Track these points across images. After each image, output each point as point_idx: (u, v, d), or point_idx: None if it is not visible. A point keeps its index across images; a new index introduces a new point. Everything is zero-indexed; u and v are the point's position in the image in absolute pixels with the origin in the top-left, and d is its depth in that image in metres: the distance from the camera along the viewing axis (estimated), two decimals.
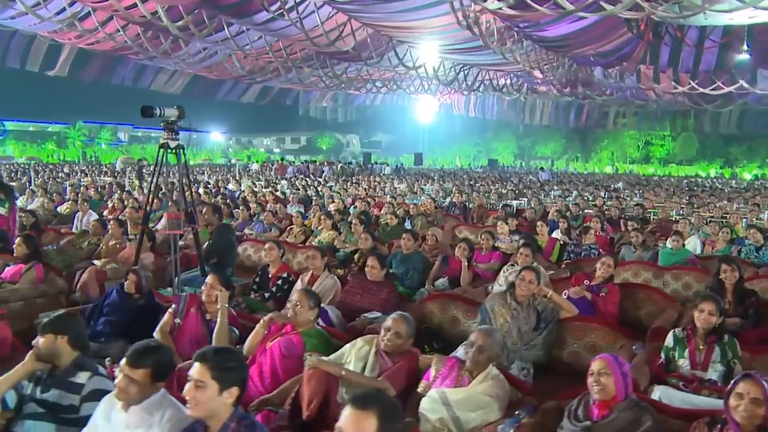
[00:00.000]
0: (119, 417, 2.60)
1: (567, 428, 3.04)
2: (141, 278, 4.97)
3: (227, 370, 2.36)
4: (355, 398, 2.10)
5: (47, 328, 3.01)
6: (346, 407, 2.07)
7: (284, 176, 26.53)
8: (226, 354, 2.45)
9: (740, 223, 10.74)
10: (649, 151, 61.27)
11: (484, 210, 13.63)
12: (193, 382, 2.33)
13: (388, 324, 3.63)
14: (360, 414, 2.02)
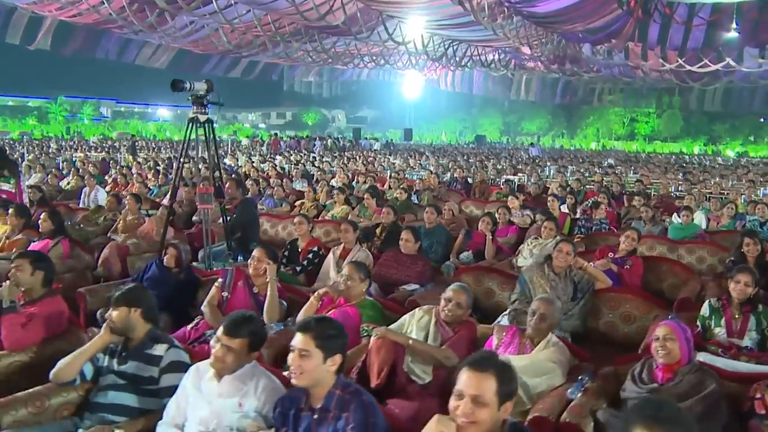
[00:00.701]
0: (211, 386, 2.65)
1: (631, 390, 3.16)
2: (181, 252, 4.99)
3: (330, 338, 2.41)
4: (473, 361, 2.16)
5: (120, 301, 3.03)
6: (464, 371, 2.13)
7: (278, 151, 26.36)
8: (327, 323, 2.50)
9: (739, 199, 10.99)
10: (635, 128, 61.76)
11: (486, 185, 13.73)
12: (297, 352, 2.37)
13: (449, 295, 3.71)
14: (480, 375, 2.08)
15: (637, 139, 60.72)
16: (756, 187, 12.79)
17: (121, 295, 3.06)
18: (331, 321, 2.57)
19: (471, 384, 2.08)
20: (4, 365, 3.40)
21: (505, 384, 2.10)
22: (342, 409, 2.35)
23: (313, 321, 2.47)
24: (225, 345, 2.58)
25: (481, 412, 2.05)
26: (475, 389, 2.06)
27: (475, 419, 2.04)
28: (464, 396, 2.07)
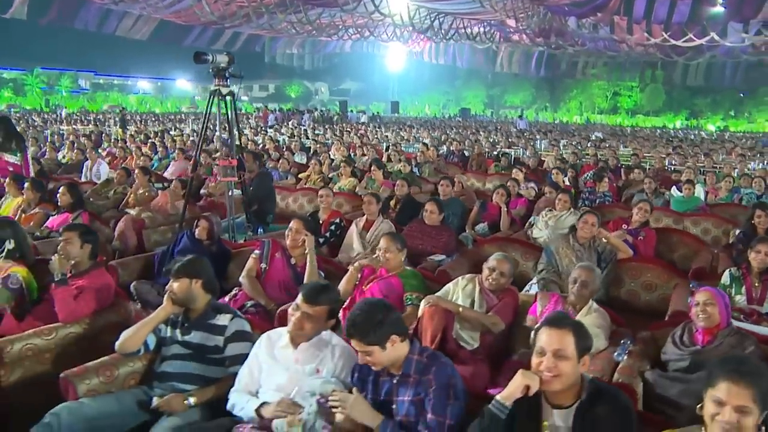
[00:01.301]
0: (286, 354, 2.73)
1: (673, 353, 3.32)
2: (213, 225, 5.03)
3: (385, 326, 2.44)
4: (551, 321, 2.28)
5: (182, 272, 3.07)
6: (543, 329, 2.24)
7: (267, 124, 26.16)
8: (369, 314, 2.50)
9: (732, 173, 11.23)
10: (617, 101, 62.20)
11: (483, 158, 13.85)
12: (362, 355, 2.47)
13: (493, 264, 3.82)
14: (559, 332, 2.20)
15: (619, 113, 61.20)
16: (746, 161, 13.06)
17: (181, 266, 3.11)
18: (372, 311, 2.48)
19: (552, 340, 2.20)
20: (60, 337, 3.46)
21: (581, 339, 2.23)
22: (422, 373, 2.46)
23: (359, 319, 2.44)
24: (305, 312, 2.66)
25: (563, 365, 2.17)
26: (557, 344, 2.18)
27: (559, 372, 2.17)
28: (546, 352, 2.19)
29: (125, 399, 2.90)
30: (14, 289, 3.71)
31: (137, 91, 63.40)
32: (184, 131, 19.81)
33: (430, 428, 2.36)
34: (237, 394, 2.74)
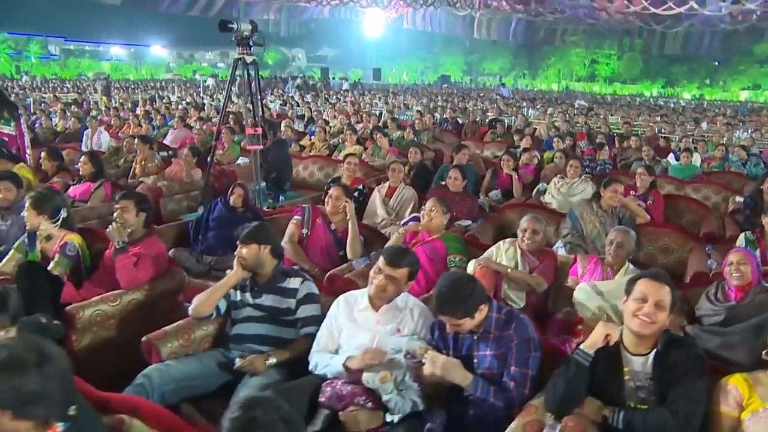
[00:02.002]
0: (367, 315, 2.88)
1: (708, 309, 3.57)
2: (247, 192, 5.12)
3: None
4: (652, 274, 2.46)
5: (251, 239, 3.15)
6: (644, 281, 2.42)
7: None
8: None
9: (722, 141, 11.57)
10: (595, 69, 62.56)
11: (477, 126, 13.99)
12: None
13: (524, 225, 4.02)
14: (660, 285, 2.39)
15: (597, 81, 61.64)
16: (732, 130, 13.43)
17: (250, 233, 3.19)
18: (460, 286, 2.60)
19: (654, 291, 2.38)
20: (124, 303, 3.56)
21: (674, 295, 2.42)
22: (503, 329, 2.63)
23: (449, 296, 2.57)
24: (388, 275, 2.81)
25: (660, 314, 2.37)
26: (659, 296, 2.37)
27: (655, 320, 2.36)
28: (648, 300, 2.38)
29: (206, 360, 3.02)
30: (72, 256, 3.79)
31: (110, 58, 61.72)
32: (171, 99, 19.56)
33: (514, 380, 2.55)
34: (318, 354, 2.89)
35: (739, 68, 50.97)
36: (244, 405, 1.57)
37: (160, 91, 25.68)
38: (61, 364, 1.67)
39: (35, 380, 1.58)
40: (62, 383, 1.66)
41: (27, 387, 1.57)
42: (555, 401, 2.41)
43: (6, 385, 1.55)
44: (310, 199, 6.43)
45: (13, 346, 1.64)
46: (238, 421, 1.53)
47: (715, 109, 25.69)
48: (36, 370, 1.59)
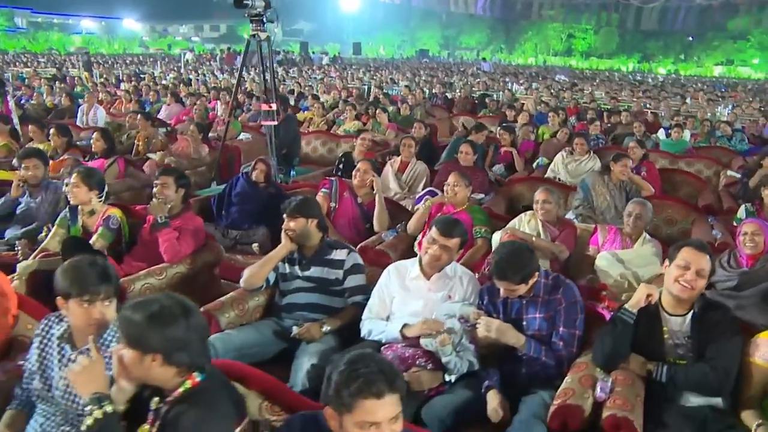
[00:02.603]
0: (418, 284, 3.05)
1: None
2: (269, 167, 5.22)
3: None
4: (695, 243, 2.67)
5: (298, 212, 3.26)
6: (687, 249, 2.62)
7: (232, 66, 25.53)
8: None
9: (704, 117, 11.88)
10: (572, 44, 62.73)
11: (468, 101, 14.16)
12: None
13: (538, 197, 4.25)
14: (702, 254, 2.60)
15: (574, 55, 61.83)
16: (714, 106, 13.79)
17: (297, 207, 3.29)
18: (518, 255, 2.77)
19: (697, 260, 2.59)
20: (169, 276, 3.68)
21: (713, 263, 2.64)
22: (551, 293, 2.83)
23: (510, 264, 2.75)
24: (442, 245, 2.98)
25: (700, 281, 2.59)
26: (699, 264, 2.58)
27: (695, 286, 2.58)
28: (690, 268, 2.58)
29: (263, 329, 3.17)
30: (114, 229, 3.89)
31: (80, 31, 59.87)
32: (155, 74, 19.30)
33: (563, 340, 2.76)
34: (371, 321, 3.06)
35: (713, 44, 51.57)
36: (350, 360, 1.74)
37: (140, 66, 25.21)
38: (200, 318, 1.83)
39: (182, 329, 1.75)
40: (201, 335, 1.82)
41: (176, 334, 1.74)
42: (603, 357, 2.63)
43: (159, 332, 1.72)
44: (321, 174, 6.55)
45: (162, 300, 1.80)
46: (344, 374, 1.69)
47: (692, 85, 26.13)
48: (183, 320, 1.76)
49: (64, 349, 2.19)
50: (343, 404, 1.64)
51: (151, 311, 1.74)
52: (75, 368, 1.78)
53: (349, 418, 1.64)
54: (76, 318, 2.10)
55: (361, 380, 1.64)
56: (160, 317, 1.74)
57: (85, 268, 2.11)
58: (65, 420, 2.15)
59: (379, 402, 1.63)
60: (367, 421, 1.62)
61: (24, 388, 2.28)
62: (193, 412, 1.73)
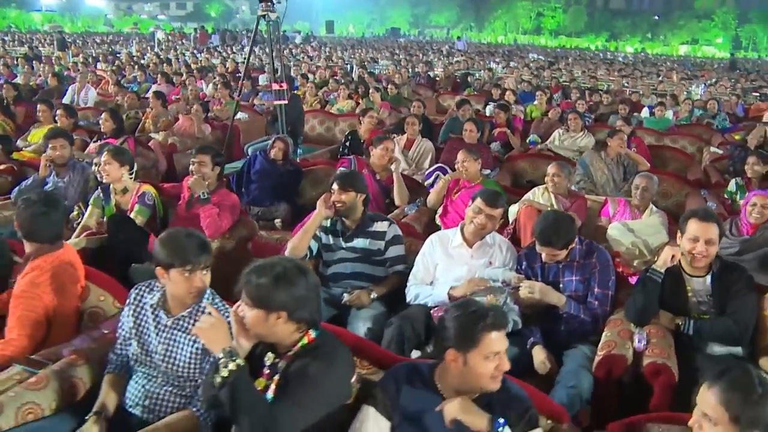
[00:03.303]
0: (461, 252, 3.29)
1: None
2: (288, 146, 5.37)
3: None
4: (702, 214, 2.94)
5: (351, 186, 3.44)
6: (694, 221, 2.87)
7: (206, 45, 25.24)
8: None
9: (682, 95, 12.33)
10: (541, 22, 63.39)
11: (452, 80, 14.38)
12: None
13: (551, 170, 4.53)
14: (710, 224, 2.86)
15: (543, 34, 62.54)
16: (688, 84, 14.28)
17: (350, 180, 3.48)
18: (561, 223, 3.05)
19: (704, 230, 2.86)
20: (213, 252, 3.83)
21: (720, 229, 2.92)
22: (585, 257, 3.10)
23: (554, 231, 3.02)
24: (488, 215, 3.22)
25: (711, 248, 2.87)
26: (709, 234, 2.86)
27: (708, 254, 2.87)
28: (699, 239, 2.86)
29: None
30: (150, 205, 4.03)
31: (40, 8, 57.96)
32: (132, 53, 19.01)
33: (598, 299, 3.04)
34: (416, 287, 3.28)
35: (679, 23, 52.75)
36: (463, 306, 2.03)
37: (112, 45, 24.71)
38: (315, 278, 2.04)
39: (303, 288, 1.95)
40: (317, 293, 2.03)
41: (298, 293, 1.93)
42: (636, 313, 2.91)
43: (285, 291, 1.91)
44: (327, 152, 6.72)
45: (283, 262, 2.00)
46: (466, 317, 1.96)
47: (663, 64, 26.76)
48: (303, 280, 1.96)
49: (159, 315, 2.36)
50: (471, 341, 1.90)
51: (276, 273, 1.93)
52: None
53: (476, 352, 1.90)
54: (177, 286, 2.27)
55: (487, 318, 1.91)
56: (285, 278, 1.93)
57: (184, 239, 2.28)
58: (166, 381, 2.32)
59: (500, 333, 1.93)
60: (493, 351, 1.90)
61: (117, 353, 2.44)
62: (317, 363, 1.93)
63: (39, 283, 2.64)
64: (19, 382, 2.31)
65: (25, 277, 2.67)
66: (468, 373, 1.91)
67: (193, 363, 2.29)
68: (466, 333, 1.91)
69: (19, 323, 2.55)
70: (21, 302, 2.59)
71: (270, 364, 2.04)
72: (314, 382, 1.90)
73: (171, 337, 2.31)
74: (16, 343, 2.53)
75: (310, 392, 1.89)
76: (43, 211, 2.70)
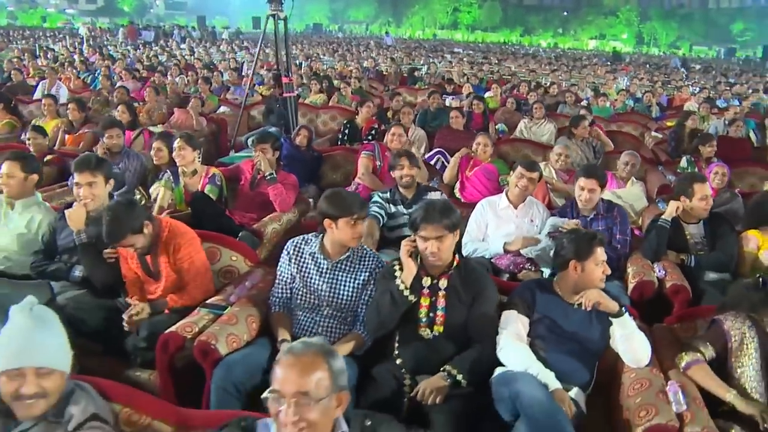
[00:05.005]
0: (508, 213, 4.05)
1: None
2: (311, 133, 5.96)
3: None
4: (698, 178, 3.86)
5: (416, 163, 4.22)
6: (697, 184, 3.80)
7: (135, 42, 24.76)
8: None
9: (612, 87, 13.72)
10: (457, 17, 65.37)
11: (399, 75, 15.17)
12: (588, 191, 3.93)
13: (559, 151, 5.41)
14: (706, 185, 3.80)
15: (459, 29, 64.56)
16: (615, 77, 15.77)
17: (414, 159, 4.23)
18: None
19: (707, 189, 3.80)
20: (284, 222, 4.43)
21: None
22: (607, 211, 3.96)
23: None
24: (529, 178, 3.99)
25: (711, 199, 3.83)
26: (709, 191, 3.80)
27: (708, 206, 3.83)
28: (706, 198, 3.81)
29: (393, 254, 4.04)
30: (218, 186, 4.54)
31: None
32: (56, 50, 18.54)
33: (620, 243, 3.89)
34: (472, 243, 4.02)
35: (587, 19, 56.16)
36: (572, 231, 2.80)
37: (36, 41, 23.77)
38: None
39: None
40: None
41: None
42: (650, 251, 3.79)
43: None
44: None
45: (435, 201, 2.75)
46: (576, 238, 2.73)
47: (587, 58, 28.69)
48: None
49: (319, 261, 2.96)
50: (588, 252, 2.68)
51: (446, 205, 2.70)
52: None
53: (591, 261, 2.68)
54: (344, 233, 2.87)
55: (596, 237, 2.73)
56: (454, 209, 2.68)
57: (349, 197, 2.91)
58: (331, 313, 2.92)
59: (602, 248, 2.73)
60: (601, 259, 2.71)
61: (279, 296, 3.00)
62: (478, 270, 2.73)
63: (186, 243, 3.16)
64: (211, 321, 2.87)
65: (170, 246, 3.14)
66: (584, 278, 2.69)
67: (355, 296, 2.92)
68: (583, 248, 2.67)
69: (189, 278, 3.13)
70: (187, 261, 3.14)
71: (429, 285, 2.73)
72: (490, 284, 2.65)
73: (334, 277, 2.93)
74: (193, 293, 3.11)
75: (492, 294, 2.69)
76: (126, 206, 3.03)
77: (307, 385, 1.60)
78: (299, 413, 1.59)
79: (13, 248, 3.60)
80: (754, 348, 2.51)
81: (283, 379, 1.61)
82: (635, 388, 2.49)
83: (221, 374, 2.54)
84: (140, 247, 3.04)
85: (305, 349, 1.67)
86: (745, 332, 2.55)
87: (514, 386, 2.32)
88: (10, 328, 1.83)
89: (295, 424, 1.58)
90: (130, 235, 2.94)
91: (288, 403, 1.58)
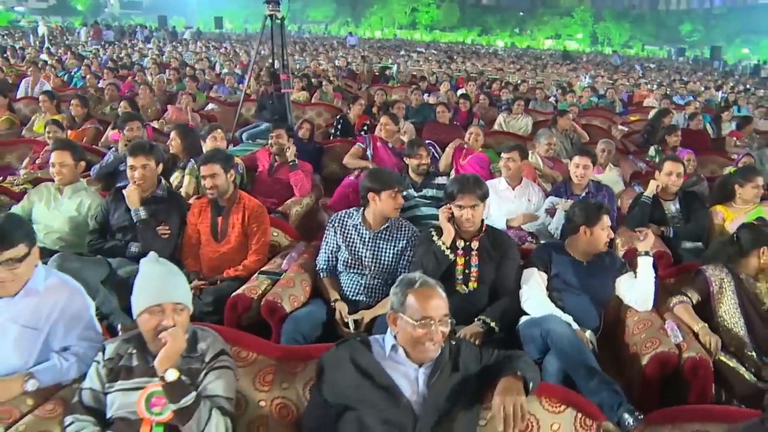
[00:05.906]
0: (507, 193, 4.56)
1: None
2: (313, 127, 6.35)
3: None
4: (671, 156, 4.42)
5: (428, 152, 4.68)
6: (669, 161, 4.37)
7: (100, 41, 24.50)
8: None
9: (577, 84, 14.47)
10: (416, 17, 66.08)
11: (372, 74, 15.61)
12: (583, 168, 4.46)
13: (549, 141, 5.96)
14: (677, 163, 4.36)
15: (418, 29, 65.30)
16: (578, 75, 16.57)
17: (427, 148, 4.69)
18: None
19: (676, 167, 4.35)
20: (304, 205, 4.83)
21: (684, 168, 4.43)
22: (596, 190, 4.50)
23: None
24: (507, 158, 4.52)
25: (682, 178, 4.39)
26: (678, 168, 4.36)
27: (680, 183, 4.38)
28: (672, 174, 4.35)
29: None
30: (241, 174, 4.92)
31: None
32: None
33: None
34: None
35: (543, 19, 57.66)
36: (582, 200, 3.28)
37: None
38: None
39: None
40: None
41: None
42: (634, 223, 4.33)
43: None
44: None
45: (463, 176, 3.18)
46: (584, 207, 3.21)
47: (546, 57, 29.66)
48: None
49: (362, 231, 3.39)
50: (596, 218, 3.16)
51: (475, 177, 3.19)
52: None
53: (598, 226, 3.18)
54: (386, 205, 3.31)
55: (603, 205, 3.23)
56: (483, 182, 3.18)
57: (389, 174, 3.36)
58: (374, 276, 3.35)
59: (608, 215, 3.20)
60: (607, 225, 3.21)
61: (325, 263, 3.43)
62: (504, 234, 3.23)
63: (265, 215, 3.63)
64: (270, 285, 3.27)
65: (248, 212, 3.64)
66: (593, 241, 3.19)
67: (395, 261, 3.36)
68: (592, 215, 3.17)
69: (258, 247, 3.62)
70: (262, 230, 3.63)
71: (463, 246, 3.19)
72: (514, 246, 3.17)
73: (375, 245, 3.36)
74: (252, 265, 3.55)
75: (515, 255, 3.15)
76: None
77: (447, 309, 2.10)
78: (445, 330, 2.07)
79: (65, 230, 3.90)
80: (732, 291, 3.07)
81: (433, 306, 2.06)
82: (639, 327, 3.01)
83: (291, 326, 2.95)
84: (219, 186, 3.55)
85: (432, 283, 2.14)
86: (723, 278, 3.12)
87: (545, 326, 2.79)
88: (146, 273, 2.19)
89: (442, 338, 2.07)
90: (221, 164, 3.48)
91: (439, 323, 2.06)
